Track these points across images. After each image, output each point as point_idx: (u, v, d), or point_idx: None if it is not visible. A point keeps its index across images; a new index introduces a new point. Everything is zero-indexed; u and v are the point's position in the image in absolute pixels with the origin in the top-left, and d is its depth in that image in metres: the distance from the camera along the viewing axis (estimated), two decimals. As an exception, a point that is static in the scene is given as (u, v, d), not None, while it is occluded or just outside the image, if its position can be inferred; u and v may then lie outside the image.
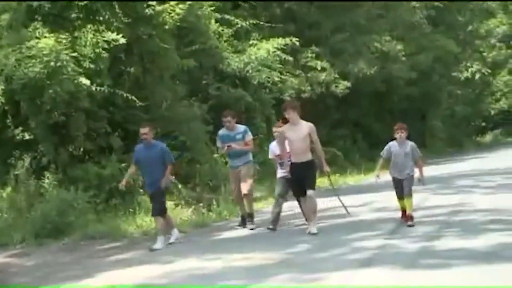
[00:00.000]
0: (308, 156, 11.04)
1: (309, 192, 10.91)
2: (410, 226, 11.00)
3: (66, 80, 14.40)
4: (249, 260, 9.26)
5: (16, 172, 14.34)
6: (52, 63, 14.37)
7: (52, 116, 14.62)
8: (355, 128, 32.51)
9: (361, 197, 16.48)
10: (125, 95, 15.13)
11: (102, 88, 14.88)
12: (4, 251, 11.79)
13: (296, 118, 11.01)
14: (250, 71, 21.43)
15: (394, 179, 11.51)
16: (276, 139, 11.91)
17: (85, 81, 14.59)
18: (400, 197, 11.45)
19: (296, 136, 10.93)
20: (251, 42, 23.03)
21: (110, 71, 15.46)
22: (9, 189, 14.14)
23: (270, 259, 9.20)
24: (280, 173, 11.94)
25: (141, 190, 14.33)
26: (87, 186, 13.97)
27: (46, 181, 14.07)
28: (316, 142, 11.11)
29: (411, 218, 11.19)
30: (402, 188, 11.32)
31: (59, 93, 14.25)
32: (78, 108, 14.80)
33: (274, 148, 12.03)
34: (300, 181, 11.00)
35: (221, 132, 12.73)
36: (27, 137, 15.04)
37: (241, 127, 12.74)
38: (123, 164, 14.69)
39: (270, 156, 12.27)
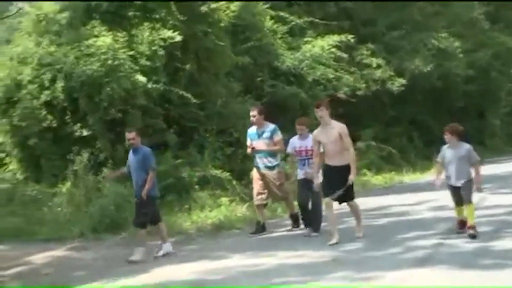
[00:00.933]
0: (345, 160, 10.21)
1: (351, 202, 10.57)
2: (471, 236, 9.93)
3: (123, 77, 14.69)
4: (302, 258, 9.25)
5: (74, 168, 14.60)
6: (109, 61, 14.70)
7: (109, 113, 14.88)
8: (411, 126, 32.09)
9: (417, 196, 16.28)
10: (180, 92, 15.31)
11: (158, 85, 15.10)
12: (63, 244, 12.02)
13: (327, 118, 10.30)
14: (304, 68, 21.42)
15: (449, 186, 10.38)
16: (298, 135, 11.29)
17: (141, 78, 14.86)
18: (458, 203, 10.37)
19: (327, 138, 10.25)
20: (305, 39, 23.01)
21: (166, 69, 15.67)
22: (68, 184, 14.42)
23: (323, 257, 9.18)
24: (300, 174, 11.29)
25: (197, 187, 14.49)
26: (143, 182, 14.13)
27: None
28: (348, 145, 10.21)
29: (473, 228, 10.07)
30: (459, 196, 10.26)
31: (116, 90, 14.53)
32: (134, 105, 15.04)
33: (295, 142, 11.30)
34: (334, 185, 10.25)
35: (250, 129, 11.98)
36: (85, 133, 15.28)
37: (270, 126, 11.79)
38: (179, 161, 14.85)
39: (288, 150, 11.39)
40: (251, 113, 11.84)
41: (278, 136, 11.69)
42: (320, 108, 10.31)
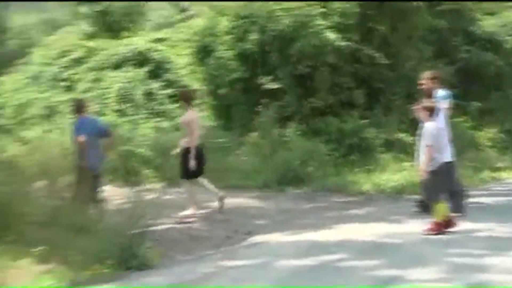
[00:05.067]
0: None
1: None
2: None
3: (313, 33, 14.74)
4: (489, 232, 8.90)
5: (262, 119, 14.97)
6: (301, 17, 14.79)
7: (299, 68, 15.03)
8: None
9: None
10: (371, 52, 15.15)
11: (349, 44, 15.01)
12: (247, 193, 12.44)
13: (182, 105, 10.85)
14: (503, 35, 20.44)
15: None
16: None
17: (332, 35, 14.84)
18: None
19: None
20: (507, 4, 21.87)
21: (358, 27, 15.53)
22: (255, 134, 14.84)
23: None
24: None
25: (380, 149, 14.38)
26: (327, 139, 14.26)
27: (289, 130, 14.55)
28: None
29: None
30: None
31: (306, 46, 14.65)
32: (324, 62, 15.07)
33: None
34: None
35: None
36: (274, 86, 15.57)
37: (442, 92, 10.57)
38: (365, 121, 14.74)
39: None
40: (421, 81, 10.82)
41: (445, 103, 10.46)
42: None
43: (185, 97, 10.89)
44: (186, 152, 10.44)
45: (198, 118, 10.98)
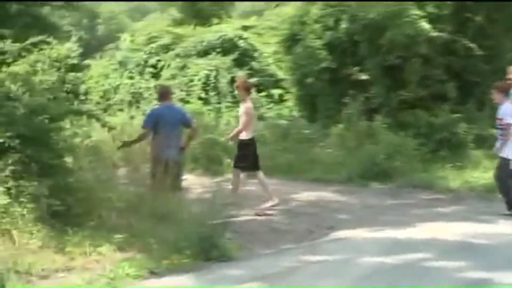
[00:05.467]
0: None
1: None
2: None
3: (406, 23, 14.38)
4: None
5: (348, 111, 14.71)
6: (393, 6, 14.46)
7: (388, 59, 14.70)
8: None
9: None
10: (466, 43, 14.64)
11: (443, 35, 14.56)
12: (329, 186, 12.23)
13: (241, 95, 10.49)
14: None
15: None
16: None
17: (425, 25, 14.44)
18: None
19: None
20: None
21: (453, 18, 15.04)
22: (341, 126, 14.60)
23: None
24: None
25: (472, 145, 13.88)
26: (416, 133, 13.86)
27: (376, 123, 14.24)
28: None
29: None
30: None
31: (398, 36, 14.29)
32: (415, 53, 14.68)
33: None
34: None
35: None
36: (362, 77, 15.30)
37: None
38: (457, 115, 14.24)
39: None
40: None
41: None
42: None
43: (244, 87, 10.52)
44: (242, 144, 10.20)
45: (253, 109, 10.62)
